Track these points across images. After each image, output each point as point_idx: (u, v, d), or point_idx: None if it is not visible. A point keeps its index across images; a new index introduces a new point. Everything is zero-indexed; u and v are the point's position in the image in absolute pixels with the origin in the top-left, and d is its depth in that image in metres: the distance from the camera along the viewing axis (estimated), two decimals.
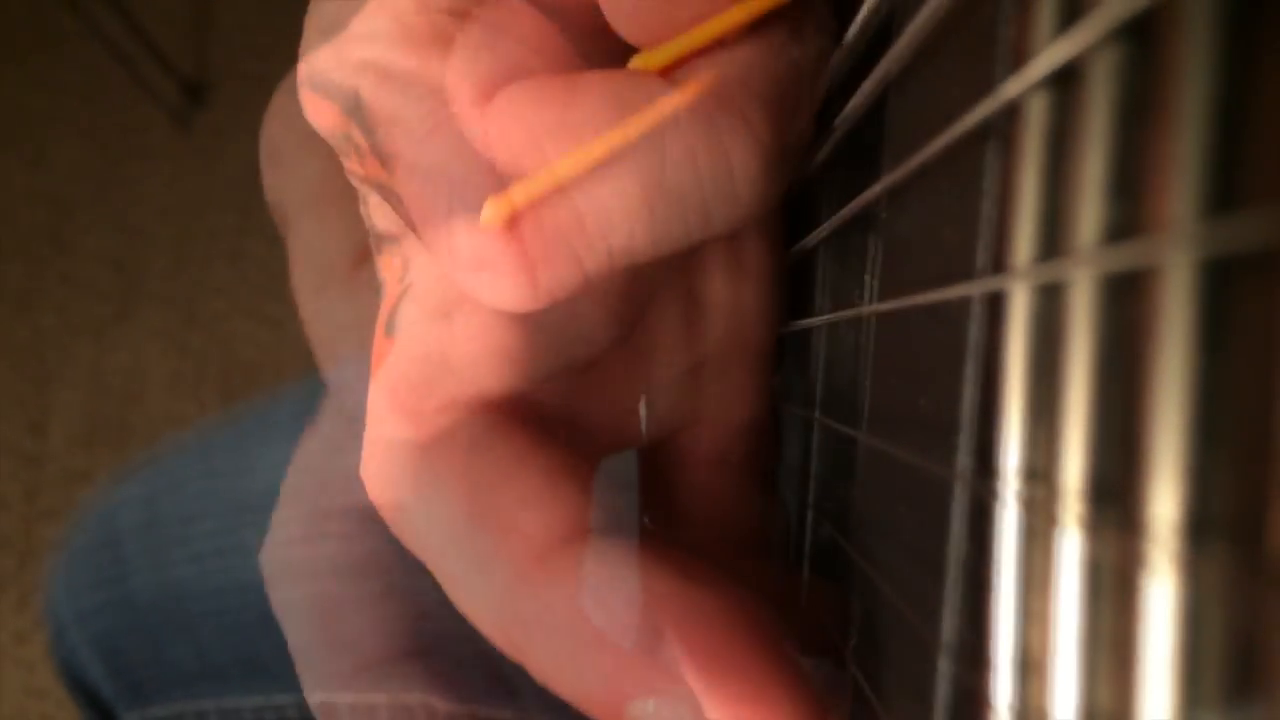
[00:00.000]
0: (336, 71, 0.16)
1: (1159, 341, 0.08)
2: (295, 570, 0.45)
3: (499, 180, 0.14)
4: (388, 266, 0.19)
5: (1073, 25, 0.09)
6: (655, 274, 0.19)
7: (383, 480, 0.17)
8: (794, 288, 0.22)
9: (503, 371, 0.17)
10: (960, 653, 0.12)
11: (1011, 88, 0.11)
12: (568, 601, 0.14)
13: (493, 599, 0.15)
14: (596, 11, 0.16)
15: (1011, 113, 0.11)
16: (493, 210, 0.14)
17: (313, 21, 0.17)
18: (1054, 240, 0.10)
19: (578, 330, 0.18)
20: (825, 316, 0.19)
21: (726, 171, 0.14)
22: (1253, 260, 0.08)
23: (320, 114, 0.17)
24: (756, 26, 0.15)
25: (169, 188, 1.39)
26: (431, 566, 0.16)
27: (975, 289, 0.12)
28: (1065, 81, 0.10)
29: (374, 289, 0.20)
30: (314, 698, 0.46)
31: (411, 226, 0.16)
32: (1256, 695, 0.08)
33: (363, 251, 0.17)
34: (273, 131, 0.20)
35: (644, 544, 0.15)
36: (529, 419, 0.17)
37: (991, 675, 0.11)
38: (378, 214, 0.19)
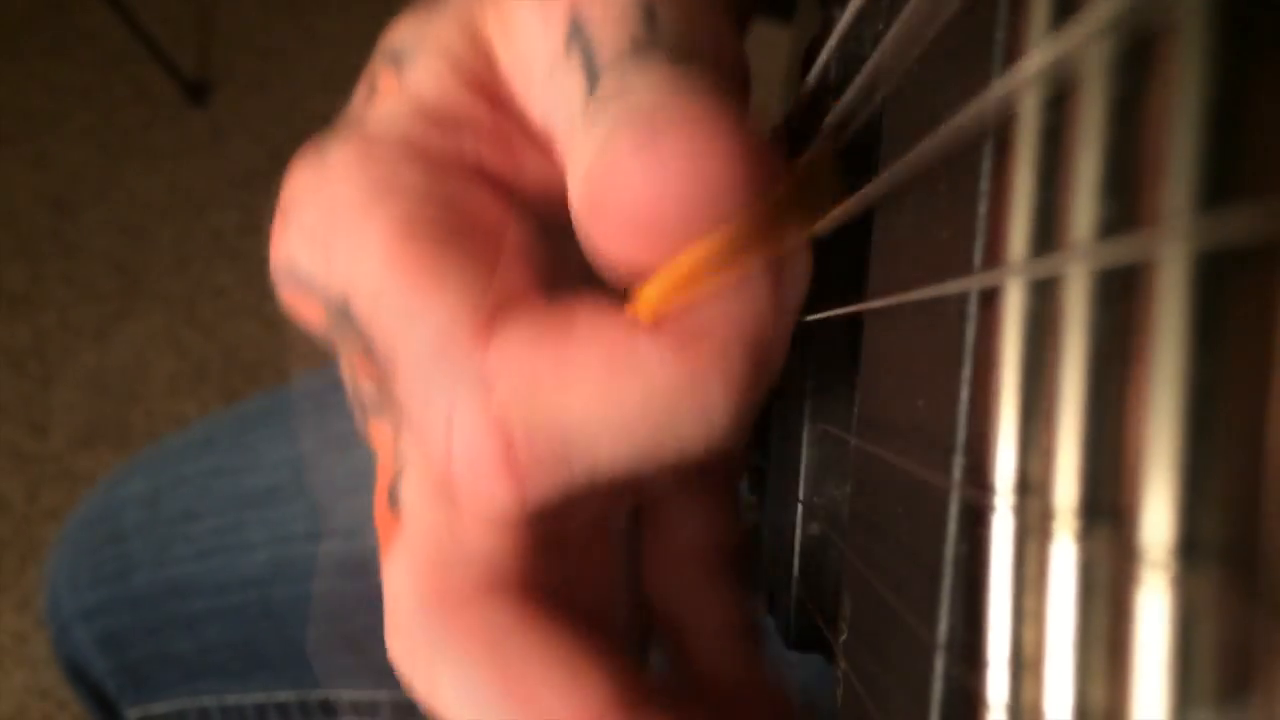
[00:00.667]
0: (323, 275, 0.17)
1: (1154, 341, 0.08)
2: (302, 568, 0.45)
3: (497, 408, 0.16)
4: (378, 432, 0.20)
5: (1066, 24, 0.10)
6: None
7: (413, 661, 0.17)
8: None
9: (514, 561, 0.18)
10: (955, 652, 0.12)
11: (1003, 85, 0.11)
12: None
13: None
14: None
15: (1006, 112, 0.11)
16: None
17: (293, 218, 0.18)
18: (1049, 238, 0.10)
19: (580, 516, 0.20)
20: (818, 314, 0.19)
21: (706, 413, 0.16)
22: (1248, 256, 0.08)
23: (301, 306, 0.18)
24: (739, 259, 0.16)
25: (170, 188, 1.39)
26: None
27: (971, 284, 0.12)
28: (1059, 79, 0.10)
29: None
30: (316, 693, 0.46)
31: (408, 426, 0.17)
32: (1249, 695, 0.08)
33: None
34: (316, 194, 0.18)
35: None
36: (552, 596, 0.18)
37: (986, 674, 0.11)
38: (365, 379, 0.20)
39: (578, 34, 0.17)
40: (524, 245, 0.18)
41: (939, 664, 0.12)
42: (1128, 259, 0.09)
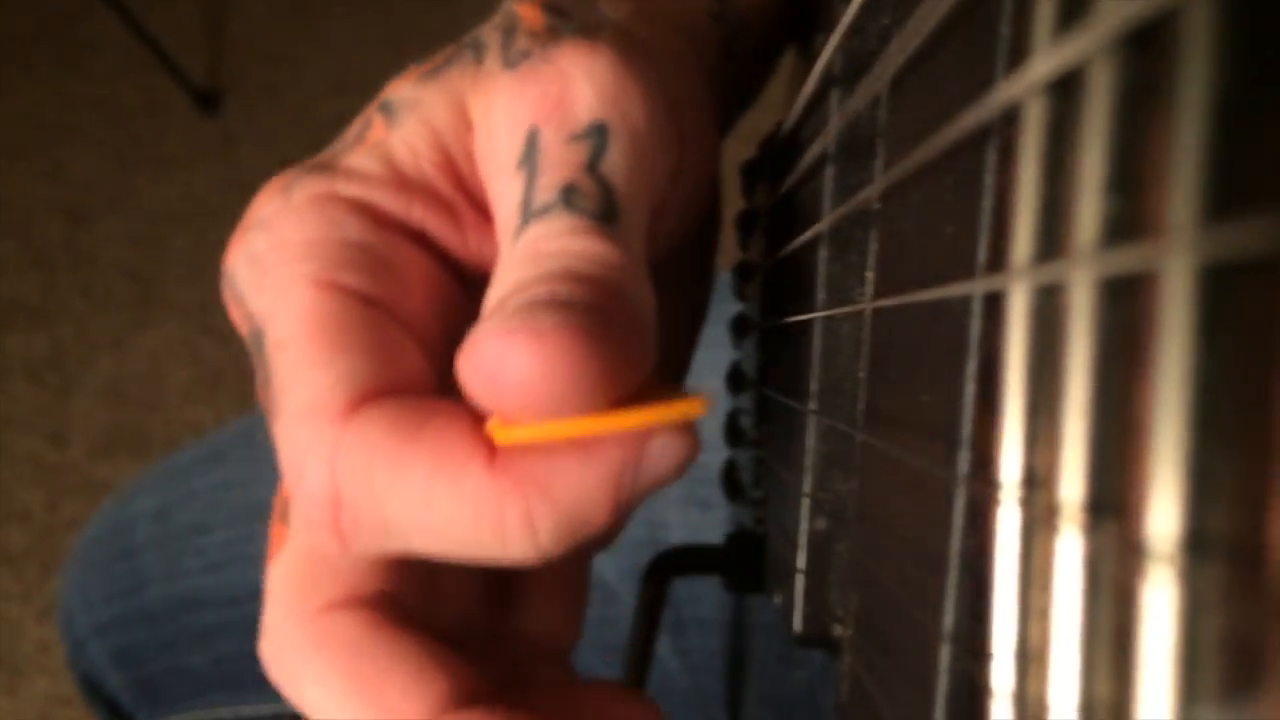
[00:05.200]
0: (253, 298, 0.20)
1: (1160, 338, 0.08)
2: None
3: (336, 476, 0.18)
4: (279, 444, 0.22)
5: (1072, 25, 0.09)
6: None
7: (279, 662, 0.20)
8: (794, 283, 0.22)
9: (371, 582, 0.20)
10: (961, 645, 0.12)
11: (1007, 90, 0.11)
12: None
13: None
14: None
15: (1011, 113, 0.11)
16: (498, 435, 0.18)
17: (249, 237, 0.21)
18: (1054, 236, 0.10)
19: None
20: (825, 312, 0.19)
21: (504, 545, 0.18)
22: (1253, 264, 0.08)
23: (232, 312, 0.21)
24: (595, 440, 0.17)
25: (183, 197, 1.40)
26: None
27: (975, 288, 0.12)
28: (1065, 81, 0.10)
29: None
30: None
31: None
32: (1254, 690, 0.08)
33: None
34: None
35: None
36: (397, 613, 0.20)
37: (992, 667, 0.11)
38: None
39: (530, 155, 0.20)
40: (429, 324, 0.21)
41: (944, 657, 0.12)
42: (1132, 268, 0.09)
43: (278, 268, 0.20)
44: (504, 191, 0.20)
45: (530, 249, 0.18)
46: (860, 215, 0.18)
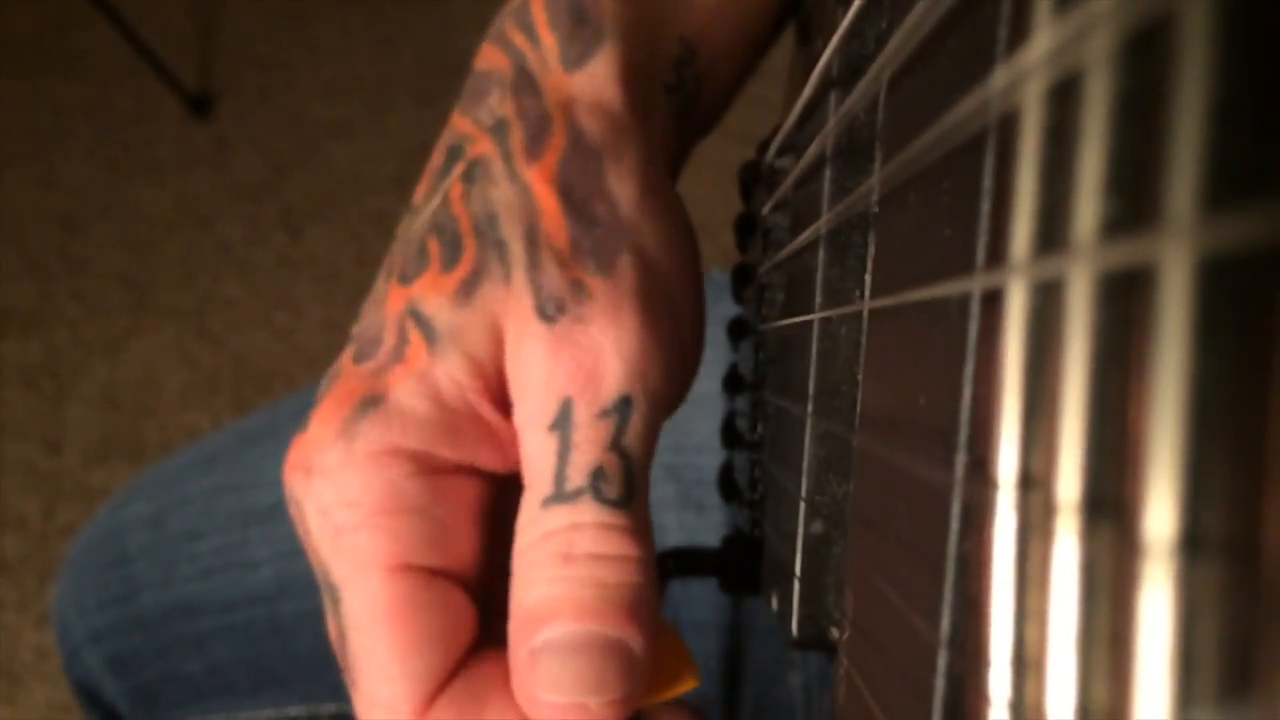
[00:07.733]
0: (328, 558, 0.23)
1: (1157, 337, 0.08)
2: (306, 582, 0.45)
3: None
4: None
5: (1067, 18, 0.09)
6: None
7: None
8: (792, 286, 0.22)
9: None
10: (958, 649, 0.12)
11: (1000, 79, 0.11)
12: None
13: None
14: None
15: (1009, 109, 0.11)
16: None
17: (314, 483, 0.23)
18: (1052, 236, 0.10)
19: None
20: (822, 313, 0.19)
21: None
22: (1251, 258, 0.08)
23: (303, 543, 0.23)
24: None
25: (176, 202, 1.39)
26: None
27: (974, 285, 0.12)
28: (1062, 75, 0.10)
29: None
30: (327, 707, 0.46)
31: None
32: (1250, 693, 0.08)
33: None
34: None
35: None
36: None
37: (989, 671, 0.11)
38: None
39: (563, 422, 0.22)
40: (476, 545, 0.24)
41: (941, 661, 0.12)
42: (1130, 262, 0.09)
43: (350, 535, 0.22)
44: (536, 446, 0.22)
45: (563, 544, 0.21)
46: (859, 219, 0.18)
